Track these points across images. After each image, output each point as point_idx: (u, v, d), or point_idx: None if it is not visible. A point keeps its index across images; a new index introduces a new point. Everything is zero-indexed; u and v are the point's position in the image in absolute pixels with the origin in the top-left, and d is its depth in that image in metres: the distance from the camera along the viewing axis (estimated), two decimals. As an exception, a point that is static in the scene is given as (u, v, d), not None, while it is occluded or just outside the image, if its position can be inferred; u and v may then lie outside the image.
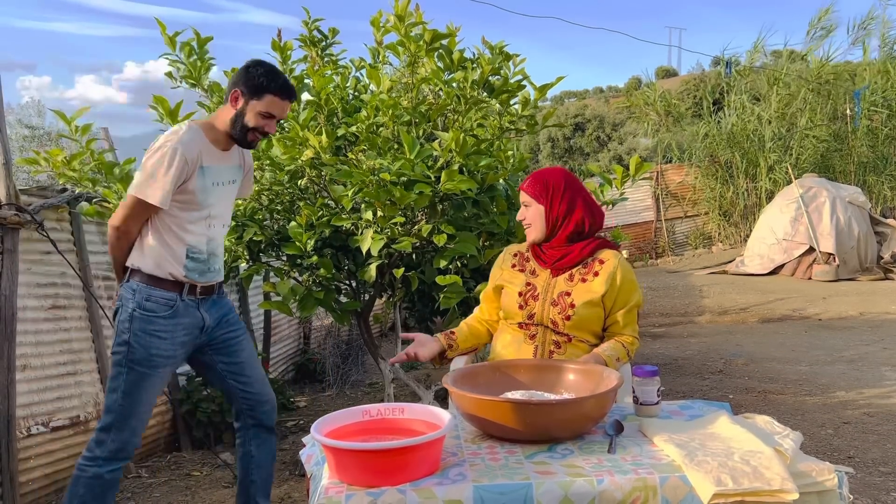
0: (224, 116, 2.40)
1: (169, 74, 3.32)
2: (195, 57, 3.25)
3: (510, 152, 3.44)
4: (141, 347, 2.34)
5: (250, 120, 2.36)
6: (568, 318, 2.19)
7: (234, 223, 3.15)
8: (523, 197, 2.30)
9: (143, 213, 2.35)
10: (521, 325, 2.26)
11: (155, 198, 2.28)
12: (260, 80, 2.34)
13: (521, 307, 2.25)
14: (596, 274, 2.21)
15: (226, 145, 2.46)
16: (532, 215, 2.27)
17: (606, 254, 2.25)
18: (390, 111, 3.15)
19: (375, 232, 2.99)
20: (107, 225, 3.86)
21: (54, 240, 3.41)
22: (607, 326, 2.27)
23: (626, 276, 2.22)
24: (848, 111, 14.18)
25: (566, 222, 2.24)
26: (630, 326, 2.25)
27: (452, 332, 2.38)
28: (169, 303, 2.39)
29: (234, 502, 3.24)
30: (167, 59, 3.25)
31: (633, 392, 1.89)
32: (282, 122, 2.39)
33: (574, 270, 2.24)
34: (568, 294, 2.21)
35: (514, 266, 2.35)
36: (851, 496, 1.49)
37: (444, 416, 1.61)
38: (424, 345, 2.27)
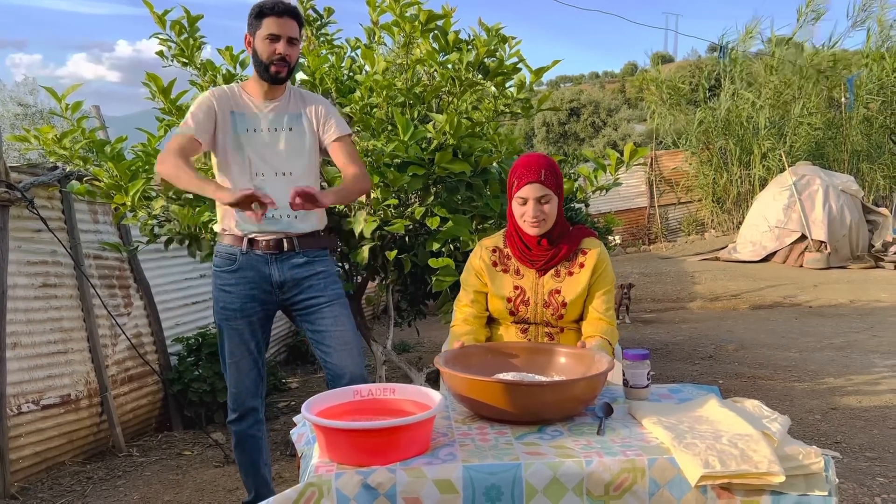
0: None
1: (160, 53, 3.28)
2: (186, 35, 3.21)
3: (502, 137, 3.43)
4: (216, 301, 2.49)
5: (261, 50, 2.37)
6: (560, 317, 2.19)
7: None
8: (539, 190, 2.09)
9: (184, 142, 2.34)
10: (513, 322, 2.26)
11: (184, 125, 2.36)
12: (254, 10, 2.38)
13: (511, 313, 2.22)
14: (581, 266, 2.21)
15: (269, 93, 2.45)
16: (550, 210, 2.13)
17: (588, 243, 2.23)
18: (385, 92, 3.13)
19: (368, 214, 2.98)
20: (97, 204, 3.86)
21: (45, 217, 3.40)
22: (586, 309, 2.23)
23: (606, 259, 2.24)
24: (842, 98, 14.15)
25: (562, 212, 2.19)
26: (609, 311, 2.23)
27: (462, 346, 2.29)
28: (231, 257, 2.46)
29: (224, 482, 3.26)
30: (158, 38, 3.21)
31: (623, 375, 1.90)
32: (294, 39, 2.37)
33: (559, 266, 2.21)
34: (558, 292, 2.19)
35: (495, 265, 2.24)
36: (837, 480, 1.50)
37: (434, 396, 1.61)
38: None
